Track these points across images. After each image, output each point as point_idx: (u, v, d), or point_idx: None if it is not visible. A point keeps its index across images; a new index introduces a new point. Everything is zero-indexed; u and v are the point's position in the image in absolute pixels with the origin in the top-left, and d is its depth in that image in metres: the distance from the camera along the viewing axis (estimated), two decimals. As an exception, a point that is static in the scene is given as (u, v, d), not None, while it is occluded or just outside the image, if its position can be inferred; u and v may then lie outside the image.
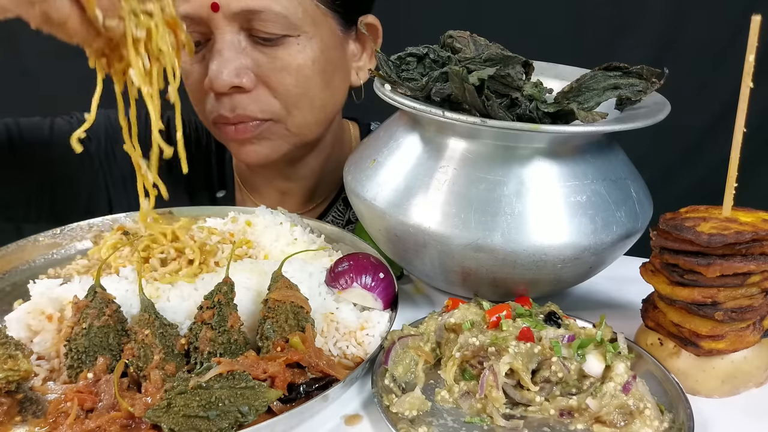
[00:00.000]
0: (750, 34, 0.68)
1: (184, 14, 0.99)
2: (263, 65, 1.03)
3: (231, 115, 1.05)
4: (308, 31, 1.04)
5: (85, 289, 0.77)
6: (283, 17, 1.00)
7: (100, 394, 0.66)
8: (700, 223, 0.72)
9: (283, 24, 1.00)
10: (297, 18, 1.01)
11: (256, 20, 0.99)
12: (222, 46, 1.00)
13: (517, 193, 0.77)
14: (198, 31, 1.01)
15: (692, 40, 2.05)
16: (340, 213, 1.31)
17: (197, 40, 1.03)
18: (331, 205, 1.31)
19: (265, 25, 1.00)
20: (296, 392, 0.68)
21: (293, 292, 0.77)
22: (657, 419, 0.66)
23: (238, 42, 1.01)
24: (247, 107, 1.04)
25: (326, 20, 1.07)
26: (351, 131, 1.35)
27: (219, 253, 0.91)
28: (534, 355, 0.70)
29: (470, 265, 0.81)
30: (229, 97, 1.03)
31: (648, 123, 0.77)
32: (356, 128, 1.36)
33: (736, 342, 0.72)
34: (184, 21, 0.92)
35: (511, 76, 0.78)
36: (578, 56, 0.98)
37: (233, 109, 1.04)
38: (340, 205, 1.30)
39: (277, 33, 1.01)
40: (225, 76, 0.99)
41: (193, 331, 0.73)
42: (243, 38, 1.01)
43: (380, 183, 0.85)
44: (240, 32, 1.01)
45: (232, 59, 1.00)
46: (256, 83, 1.04)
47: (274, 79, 1.04)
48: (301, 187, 1.27)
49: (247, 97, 1.04)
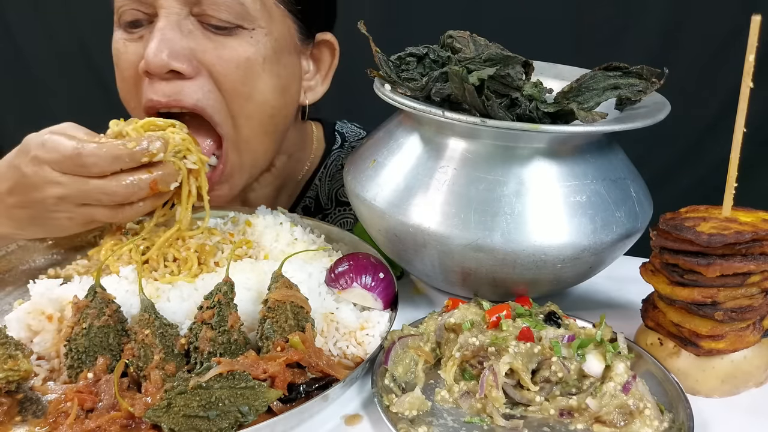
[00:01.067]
0: (750, 34, 0.68)
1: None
2: (209, 51, 0.92)
3: (164, 100, 0.92)
4: (264, 27, 0.95)
5: (85, 289, 0.77)
6: (239, 4, 0.91)
7: (100, 394, 0.66)
8: (700, 223, 0.72)
9: (237, 12, 0.92)
10: (254, 9, 0.93)
11: (208, 4, 0.90)
12: (165, 25, 0.90)
13: (517, 193, 0.77)
14: (140, 10, 0.92)
15: (692, 39, 2.06)
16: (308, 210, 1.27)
17: (137, 18, 0.93)
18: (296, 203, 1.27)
19: (218, 10, 0.91)
20: (296, 392, 0.68)
21: (293, 292, 0.77)
22: (657, 419, 0.66)
23: (184, 24, 0.91)
24: (184, 93, 0.92)
25: (285, 21, 0.99)
26: (314, 132, 1.29)
27: (219, 253, 0.91)
28: (534, 355, 0.70)
29: (470, 265, 0.81)
30: (166, 81, 0.91)
31: (648, 123, 0.77)
32: (319, 129, 1.31)
33: (736, 342, 0.72)
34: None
35: (511, 76, 0.78)
36: (578, 56, 0.98)
37: (167, 94, 0.92)
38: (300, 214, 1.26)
39: (230, 21, 0.92)
40: (165, 56, 0.88)
41: (193, 331, 0.73)
42: (191, 22, 0.92)
43: (380, 183, 0.85)
44: (188, 16, 0.91)
45: (174, 40, 0.90)
46: (198, 70, 0.92)
47: (219, 69, 0.93)
48: (261, 198, 1.21)
49: (186, 83, 0.92)
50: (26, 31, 2.34)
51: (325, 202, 1.28)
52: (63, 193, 0.79)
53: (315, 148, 1.28)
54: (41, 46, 2.35)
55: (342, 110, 1.45)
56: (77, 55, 2.28)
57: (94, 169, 0.78)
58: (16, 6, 2.31)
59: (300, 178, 1.26)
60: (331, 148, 1.30)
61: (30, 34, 2.34)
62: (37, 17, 2.32)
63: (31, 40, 2.35)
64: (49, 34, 2.33)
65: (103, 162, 0.78)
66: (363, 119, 1.39)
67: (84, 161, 0.77)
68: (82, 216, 0.82)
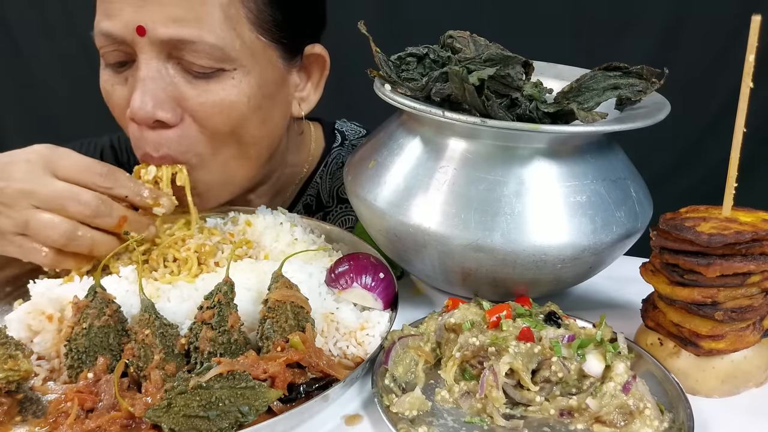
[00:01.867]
0: (750, 34, 0.68)
1: (106, 32, 0.89)
2: (191, 99, 0.91)
3: (156, 155, 0.93)
4: (246, 65, 0.93)
5: (85, 289, 0.77)
6: (219, 49, 0.89)
7: (100, 394, 0.66)
8: (700, 223, 0.72)
9: (217, 57, 0.89)
10: (233, 50, 0.90)
11: (186, 51, 0.88)
12: (146, 74, 0.89)
13: (517, 193, 0.77)
14: (122, 51, 0.91)
15: (692, 40, 2.06)
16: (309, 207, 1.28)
17: (122, 60, 0.92)
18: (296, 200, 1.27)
19: (197, 57, 0.88)
20: (296, 392, 0.68)
21: (293, 292, 0.77)
22: (657, 419, 0.66)
23: (165, 71, 0.90)
24: (172, 146, 0.93)
25: (266, 53, 0.96)
26: (312, 133, 1.29)
27: (219, 254, 0.91)
28: (534, 355, 0.70)
29: (470, 265, 0.81)
30: (153, 130, 0.92)
31: (648, 123, 0.77)
32: (318, 128, 1.30)
33: (736, 342, 0.72)
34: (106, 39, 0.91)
35: (511, 76, 0.78)
36: (578, 56, 0.98)
37: (157, 148, 0.92)
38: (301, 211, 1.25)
39: (210, 66, 0.90)
40: (150, 107, 0.88)
41: (193, 331, 0.73)
42: (171, 67, 0.90)
43: (380, 183, 0.85)
44: (168, 61, 0.89)
45: (156, 90, 0.89)
46: (182, 117, 0.92)
47: (203, 115, 0.92)
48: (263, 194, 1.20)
49: (172, 132, 0.92)
50: (26, 31, 2.34)
51: (326, 199, 1.28)
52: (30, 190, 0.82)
53: (313, 148, 1.28)
54: (41, 46, 2.35)
55: (342, 110, 1.45)
56: (77, 55, 2.28)
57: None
58: (16, 6, 2.31)
59: (298, 182, 1.26)
60: (331, 147, 1.30)
61: (30, 34, 2.34)
62: (37, 17, 2.32)
63: (31, 40, 2.35)
64: (49, 34, 2.33)
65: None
66: (363, 119, 1.39)
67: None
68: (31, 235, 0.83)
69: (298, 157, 1.24)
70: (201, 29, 0.87)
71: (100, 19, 0.90)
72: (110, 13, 0.88)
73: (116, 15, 0.88)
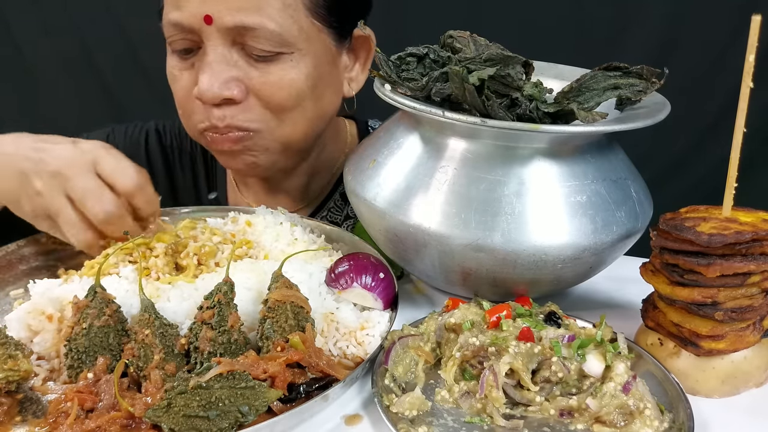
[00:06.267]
0: (750, 34, 0.68)
1: (175, 22, 0.98)
2: (254, 79, 1.01)
3: (221, 125, 1.03)
4: (302, 48, 1.01)
5: (85, 289, 0.77)
6: (278, 35, 0.97)
7: (100, 394, 0.66)
8: (700, 223, 0.72)
9: (277, 41, 0.98)
10: (292, 35, 0.99)
11: (249, 37, 0.97)
12: (213, 58, 0.98)
13: (517, 193, 0.77)
14: (189, 39, 1.00)
15: (692, 40, 2.06)
16: (338, 208, 1.31)
17: (188, 47, 1.01)
18: (326, 200, 1.31)
19: (259, 42, 0.97)
20: (296, 392, 0.68)
21: (293, 292, 0.77)
22: (657, 419, 0.66)
23: (229, 55, 0.99)
24: (237, 117, 1.02)
25: (320, 36, 1.05)
26: (347, 129, 1.35)
27: (219, 254, 0.91)
28: (534, 355, 0.70)
29: (470, 265, 0.81)
30: (219, 107, 1.02)
31: (648, 123, 0.77)
32: (353, 126, 1.36)
33: (736, 342, 0.72)
34: (175, 28, 0.98)
35: (511, 76, 0.78)
36: (578, 56, 0.98)
37: (223, 119, 1.02)
38: (338, 200, 1.30)
39: (271, 50, 0.99)
40: (216, 88, 0.98)
41: (193, 331, 0.73)
42: (235, 52, 0.99)
43: (380, 183, 0.85)
44: (232, 46, 0.99)
45: (222, 72, 0.98)
46: (246, 94, 1.02)
47: (266, 92, 1.02)
48: (294, 186, 1.27)
49: (237, 107, 1.02)
50: (26, 31, 2.34)
51: None
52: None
53: (349, 142, 1.33)
54: (41, 46, 2.35)
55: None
56: (77, 55, 2.28)
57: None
58: (16, 6, 2.31)
59: (335, 171, 1.31)
60: None
61: (30, 34, 2.34)
62: (37, 17, 2.32)
63: (31, 40, 2.35)
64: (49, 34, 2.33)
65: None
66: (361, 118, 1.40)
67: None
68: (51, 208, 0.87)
69: (334, 146, 1.30)
70: (262, 17, 0.96)
71: (168, 11, 0.99)
72: (179, 5, 0.97)
73: (185, 6, 0.96)
